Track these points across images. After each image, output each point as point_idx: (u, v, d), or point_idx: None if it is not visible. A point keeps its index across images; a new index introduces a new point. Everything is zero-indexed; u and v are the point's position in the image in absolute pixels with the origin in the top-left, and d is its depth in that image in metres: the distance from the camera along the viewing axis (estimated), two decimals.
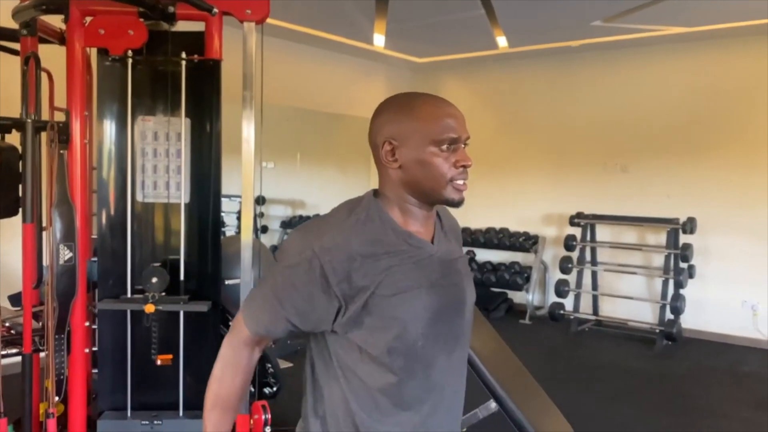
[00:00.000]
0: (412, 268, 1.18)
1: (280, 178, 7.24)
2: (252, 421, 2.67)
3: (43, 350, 2.64)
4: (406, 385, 1.19)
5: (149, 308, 2.61)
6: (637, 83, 6.16)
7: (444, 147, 1.17)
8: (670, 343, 5.54)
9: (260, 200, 7.10)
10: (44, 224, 2.65)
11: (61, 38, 2.81)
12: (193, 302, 2.71)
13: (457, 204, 1.21)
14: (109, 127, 2.71)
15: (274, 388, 3.28)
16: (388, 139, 1.19)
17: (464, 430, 2.59)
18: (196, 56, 2.67)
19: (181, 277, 2.71)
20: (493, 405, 2.44)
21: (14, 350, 2.65)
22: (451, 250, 1.30)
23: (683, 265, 5.64)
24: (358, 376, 1.19)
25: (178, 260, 2.71)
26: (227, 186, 2.92)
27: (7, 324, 2.74)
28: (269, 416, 2.70)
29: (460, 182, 1.19)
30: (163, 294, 2.66)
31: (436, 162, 1.17)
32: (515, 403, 2.33)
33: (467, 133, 1.21)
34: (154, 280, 2.65)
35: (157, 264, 2.71)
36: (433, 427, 1.24)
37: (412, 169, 1.18)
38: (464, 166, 1.19)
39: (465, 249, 7.05)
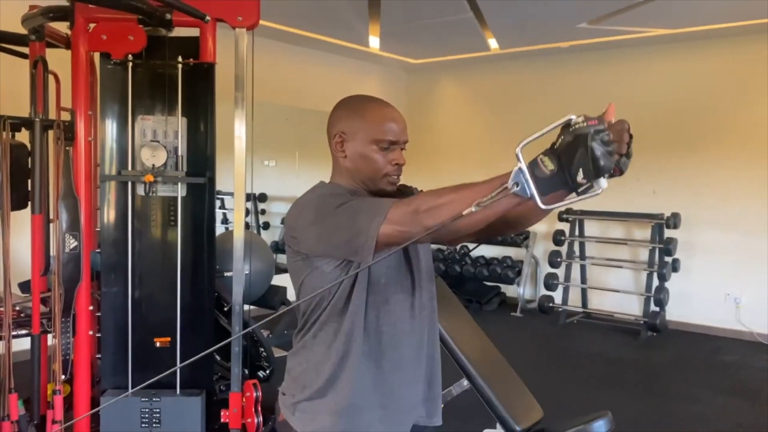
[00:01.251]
0: None
1: (281, 176, 7.44)
2: (244, 399, 2.87)
3: (50, 331, 2.85)
4: (371, 323, 1.38)
5: (148, 178, 2.77)
6: (625, 83, 6.34)
7: (383, 146, 1.39)
8: (654, 334, 5.72)
9: (262, 197, 7.36)
10: (51, 217, 2.85)
11: (66, 43, 3.00)
12: (191, 176, 2.87)
13: (389, 194, 1.43)
14: (112, 126, 2.90)
15: (267, 372, 3.47)
16: (339, 133, 1.42)
17: (441, 406, 2.79)
18: (191, 60, 2.86)
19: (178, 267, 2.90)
20: (465, 383, 2.63)
21: (24, 331, 2.86)
22: None
23: (667, 258, 5.81)
24: (332, 319, 1.38)
25: (176, 254, 2.89)
26: (228, 183, 3.06)
27: (17, 308, 2.95)
28: (260, 394, 2.90)
29: (394, 177, 1.42)
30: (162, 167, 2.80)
31: (375, 158, 1.40)
32: (484, 381, 2.51)
33: (406, 137, 1.43)
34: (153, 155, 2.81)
35: (156, 141, 2.85)
36: (396, 356, 1.42)
37: (355, 161, 1.41)
38: (398, 164, 1.41)
39: (458, 244, 7.25)
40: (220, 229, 4.36)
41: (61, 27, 2.98)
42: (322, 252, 1.33)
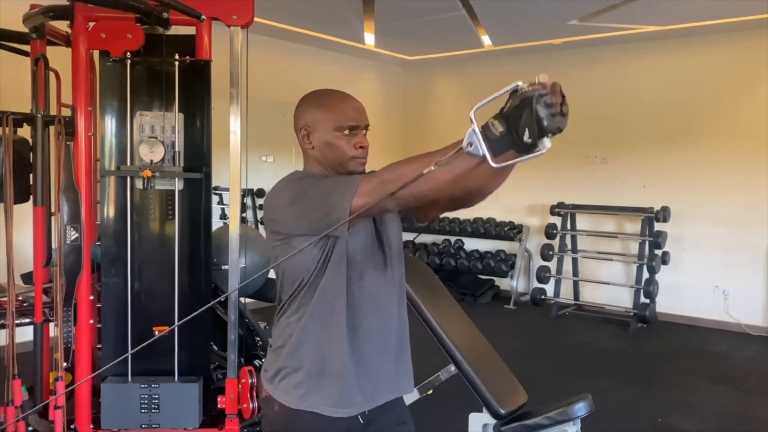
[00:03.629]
0: None
1: (279, 172, 7.48)
2: (240, 385, 2.97)
3: (52, 320, 2.94)
4: (347, 297, 1.48)
5: (146, 173, 2.85)
6: (616, 79, 6.43)
7: (346, 132, 1.50)
8: (644, 325, 5.82)
9: (261, 193, 7.43)
10: (53, 209, 2.94)
11: (67, 41, 3.07)
12: (188, 171, 2.95)
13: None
14: (111, 121, 2.97)
15: (263, 360, 3.55)
16: (303, 126, 1.54)
17: (430, 392, 2.89)
18: (188, 57, 2.94)
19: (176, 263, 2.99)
20: (452, 368, 2.73)
21: (27, 320, 2.95)
22: None
23: (657, 251, 5.91)
24: (311, 294, 1.48)
25: (174, 246, 2.99)
26: (227, 180, 3.14)
27: (20, 298, 3.04)
28: (255, 380, 3.00)
29: (361, 159, 1.53)
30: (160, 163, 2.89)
31: (339, 144, 1.50)
32: (470, 365, 2.61)
33: (367, 121, 1.54)
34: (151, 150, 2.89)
35: (153, 137, 2.93)
36: (368, 328, 1.53)
37: (322, 149, 1.52)
38: (362, 147, 1.52)
39: (453, 238, 7.35)
40: (218, 224, 4.44)
41: (62, 26, 3.05)
42: (300, 230, 1.43)
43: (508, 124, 1.10)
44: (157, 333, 3.03)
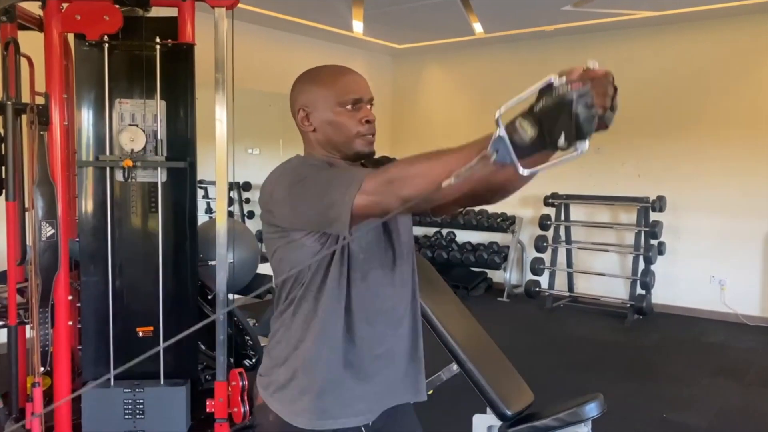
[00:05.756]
0: None
1: (265, 165, 7.33)
2: (230, 388, 2.82)
3: (28, 323, 2.77)
4: (350, 299, 1.34)
5: (127, 162, 2.70)
6: (609, 67, 6.16)
7: (348, 107, 1.34)
8: (640, 317, 5.74)
9: (246, 186, 7.26)
10: (27, 204, 2.76)
11: (40, 25, 2.89)
12: (172, 161, 2.79)
13: (368, 154, 1.39)
14: (88, 110, 2.81)
15: (253, 360, 3.41)
16: (301, 107, 1.38)
17: (430, 392, 2.75)
18: (170, 41, 2.78)
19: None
20: (455, 367, 2.59)
21: (0, 323, 2.78)
22: None
23: (653, 242, 5.83)
24: (310, 295, 1.34)
25: (157, 241, 2.83)
26: (212, 173, 2.99)
27: None
28: (246, 383, 2.85)
29: (368, 135, 1.36)
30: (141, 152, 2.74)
31: (342, 120, 1.34)
32: (474, 365, 2.48)
33: (370, 94, 1.38)
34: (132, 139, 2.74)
35: (134, 125, 2.78)
36: (373, 334, 1.39)
37: (324, 130, 1.36)
38: (368, 121, 1.35)
39: (445, 230, 7.23)
40: (204, 218, 4.28)
41: (34, 8, 2.87)
42: (298, 225, 1.29)
43: (541, 127, 0.93)
44: (140, 333, 2.88)
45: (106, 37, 2.68)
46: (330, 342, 1.35)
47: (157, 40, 2.74)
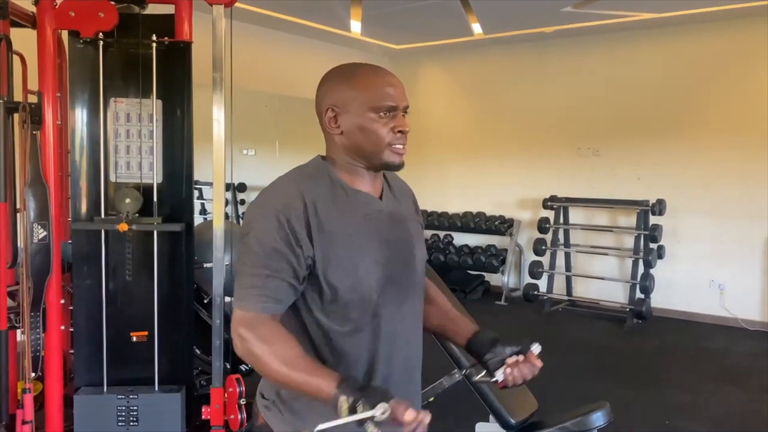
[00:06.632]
0: (362, 222, 1.27)
1: (261, 166, 7.27)
2: (226, 394, 2.75)
3: (18, 327, 2.70)
4: (360, 335, 1.27)
5: (123, 227, 2.64)
6: (609, 68, 6.28)
7: (382, 114, 1.25)
8: (639, 321, 5.69)
9: (242, 187, 7.20)
10: (18, 205, 2.69)
11: (33, 22, 2.82)
12: (167, 223, 2.73)
13: (397, 167, 1.30)
14: (82, 109, 2.74)
15: (249, 366, 3.34)
16: (330, 107, 1.28)
17: (431, 399, 2.69)
18: (166, 38, 2.71)
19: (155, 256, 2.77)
20: (457, 374, 2.54)
21: None
22: (401, 208, 1.39)
23: (652, 245, 5.78)
24: (313, 331, 1.27)
25: (153, 244, 2.77)
26: (207, 174, 2.94)
27: None
28: (243, 389, 2.78)
29: (399, 146, 1.27)
30: (137, 215, 2.69)
31: (374, 128, 1.25)
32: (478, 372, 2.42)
33: (406, 101, 1.29)
34: (128, 200, 2.68)
35: (131, 185, 2.73)
36: (387, 375, 1.32)
37: (353, 135, 1.27)
38: (401, 132, 1.27)
39: (442, 233, 7.17)
40: (198, 220, 4.22)
41: (27, 5, 2.81)
42: None
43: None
44: (134, 338, 2.82)
45: (101, 34, 2.62)
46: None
47: (154, 37, 2.68)
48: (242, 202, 7.48)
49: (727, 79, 5.69)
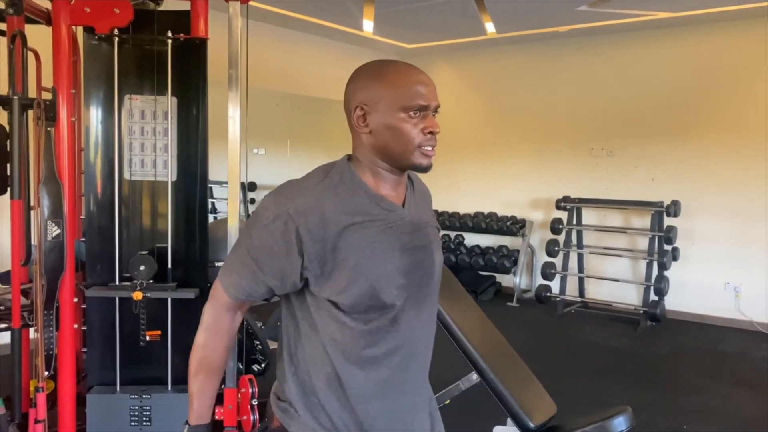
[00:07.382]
0: (384, 230, 1.23)
1: (271, 165, 7.26)
2: (239, 395, 2.72)
3: (32, 325, 2.68)
4: (378, 343, 1.24)
5: (137, 296, 2.64)
6: (623, 68, 6.22)
7: (413, 113, 1.20)
8: (653, 323, 5.63)
9: (252, 186, 7.18)
10: (32, 203, 2.67)
11: (47, 19, 2.81)
12: (181, 290, 2.73)
13: (425, 169, 1.25)
14: (97, 106, 2.72)
15: (263, 365, 3.32)
16: (359, 105, 1.23)
17: (447, 401, 2.65)
18: (182, 35, 2.69)
19: (169, 264, 2.74)
20: (474, 377, 2.49)
21: (3, 325, 2.68)
22: (422, 214, 1.35)
23: (667, 247, 5.72)
24: (329, 335, 1.23)
25: (166, 245, 2.74)
26: (219, 173, 2.92)
27: None
28: (256, 389, 2.75)
29: (428, 148, 1.23)
30: (151, 281, 2.69)
31: (404, 128, 1.20)
32: (496, 375, 2.38)
33: (437, 101, 1.24)
34: (142, 267, 2.67)
35: (145, 252, 2.74)
36: (404, 380, 1.29)
37: (381, 134, 1.22)
38: (432, 133, 1.22)
39: (453, 233, 7.13)
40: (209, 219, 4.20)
41: (41, 1, 2.79)
42: None
43: None
44: (148, 338, 2.79)
45: (116, 30, 2.59)
46: (337, 383, 1.27)
47: (169, 34, 2.65)
48: (252, 201, 7.47)
49: (745, 78, 5.62)
